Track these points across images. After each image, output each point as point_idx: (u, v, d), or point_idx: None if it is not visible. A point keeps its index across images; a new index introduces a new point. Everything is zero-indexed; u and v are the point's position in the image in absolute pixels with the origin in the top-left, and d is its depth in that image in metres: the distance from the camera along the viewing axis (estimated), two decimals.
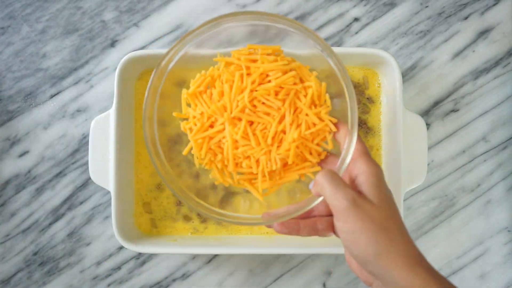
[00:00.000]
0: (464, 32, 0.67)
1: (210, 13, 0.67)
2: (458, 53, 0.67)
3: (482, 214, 0.66)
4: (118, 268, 0.66)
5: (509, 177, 0.66)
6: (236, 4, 0.67)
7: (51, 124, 0.67)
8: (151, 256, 0.66)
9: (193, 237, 0.62)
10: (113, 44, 0.68)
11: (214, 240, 0.61)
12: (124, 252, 0.66)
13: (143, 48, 0.67)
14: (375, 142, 0.62)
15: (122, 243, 0.58)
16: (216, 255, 0.66)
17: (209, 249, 0.60)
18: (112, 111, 0.58)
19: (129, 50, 0.67)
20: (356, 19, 0.67)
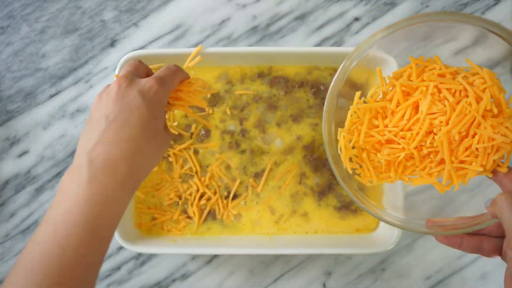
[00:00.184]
0: (464, 32, 0.67)
1: (210, 13, 0.67)
2: (458, 53, 0.67)
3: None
4: (118, 268, 0.66)
5: None
6: (236, 4, 0.67)
7: (51, 124, 0.67)
8: (151, 256, 0.66)
9: (193, 237, 0.62)
10: (112, 44, 0.67)
11: (214, 240, 0.61)
12: (124, 252, 0.66)
13: (142, 48, 0.67)
14: None
15: (122, 243, 0.58)
16: (216, 255, 0.66)
17: (209, 249, 0.60)
18: None
19: (129, 50, 0.67)
20: (356, 19, 0.67)
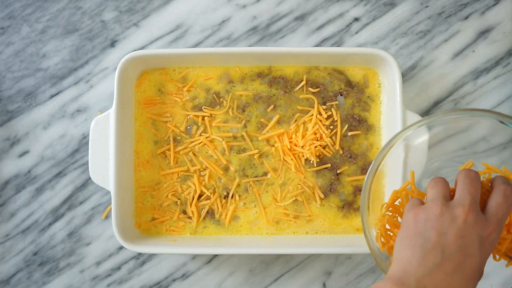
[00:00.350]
0: (464, 32, 0.67)
1: (210, 13, 0.67)
2: (458, 53, 0.67)
3: None
4: (118, 268, 0.66)
5: None
6: (236, 4, 0.67)
7: (51, 124, 0.67)
8: (151, 256, 0.66)
9: (193, 237, 0.62)
10: (113, 44, 0.67)
11: (214, 240, 0.61)
12: (124, 252, 0.66)
13: (143, 48, 0.67)
14: (375, 141, 0.62)
15: (122, 243, 0.58)
16: (216, 255, 0.66)
17: (209, 249, 0.60)
18: (112, 111, 0.58)
19: (129, 50, 0.67)
20: (356, 19, 0.67)
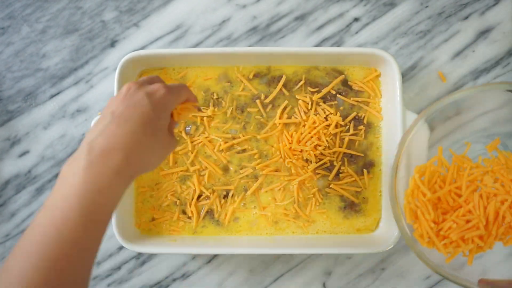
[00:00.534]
0: (464, 32, 0.67)
1: (210, 12, 0.67)
2: (458, 53, 0.67)
3: None
4: (118, 268, 0.66)
5: None
6: (236, 4, 0.67)
7: (51, 124, 0.67)
8: (151, 256, 0.66)
9: (193, 237, 0.62)
10: (113, 44, 0.68)
11: (214, 240, 0.61)
12: (124, 252, 0.66)
13: (143, 48, 0.67)
14: (375, 140, 0.62)
15: (122, 243, 0.58)
16: (216, 255, 0.66)
17: (209, 249, 0.60)
18: None
19: (129, 50, 0.67)
20: (356, 19, 0.67)
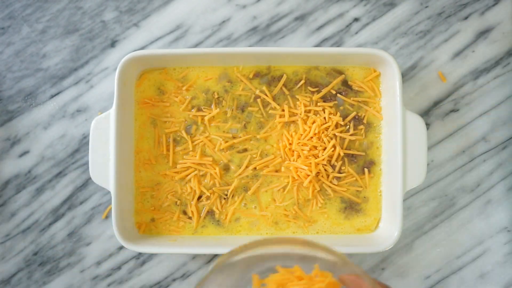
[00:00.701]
0: (464, 32, 0.67)
1: (210, 13, 0.67)
2: (458, 53, 0.67)
3: (482, 214, 0.66)
4: (118, 268, 0.66)
5: (509, 177, 0.66)
6: (236, 4, 0.67)
7: (51, 124, 0.67)
8: (151, 256, 0.66)
9: (193, 237, 0.62)
10: (113, 44, 0.68)
11: (214, 240, 0.61)
12: (124, 252, 0.66)
13: (143, 48, 0.67)
14: (375, 140, 0.62)
15: (122, 243, 0.58)
16: (216, 255, 0.66)
17: (209, 249, 0.60)
18: (112, 111, 0.58)
19: (129, 50, 0.67)
20: (356, 19, 0.67)
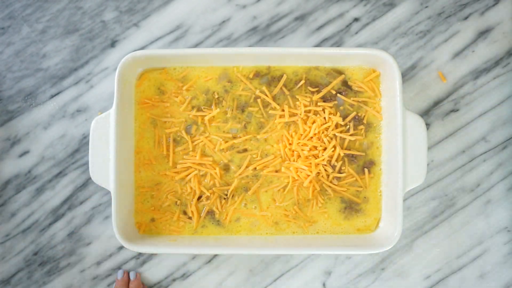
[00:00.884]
0: (464, 32, 0.67)
1: (210, 13, 0.67)
2: (458, 53, 0.67)
3: (482, 214, 0.66)
4: (118, 268, 0.66)
5: (509, 177, 0.66)
6: (236, 4, 0.67)
7: (51, 124, 0.67)
8: (151, 256, 0.66)
9: (193, 237, 0.62)
10: (113, 44, 0.68)
11: (214, 240, 0.61)
12: (124, 252, 0.66)
13: (143, 48, 0.67)
14: (375, 140, 0.62)
15: (122, 243, 0.58)
16: (216, 255, 0.66)
17: (209, 249, 0.60)
18: (112, 111, 0.58)
19: (129, 50, 0.67)
20: (356, 19, 0.67)
